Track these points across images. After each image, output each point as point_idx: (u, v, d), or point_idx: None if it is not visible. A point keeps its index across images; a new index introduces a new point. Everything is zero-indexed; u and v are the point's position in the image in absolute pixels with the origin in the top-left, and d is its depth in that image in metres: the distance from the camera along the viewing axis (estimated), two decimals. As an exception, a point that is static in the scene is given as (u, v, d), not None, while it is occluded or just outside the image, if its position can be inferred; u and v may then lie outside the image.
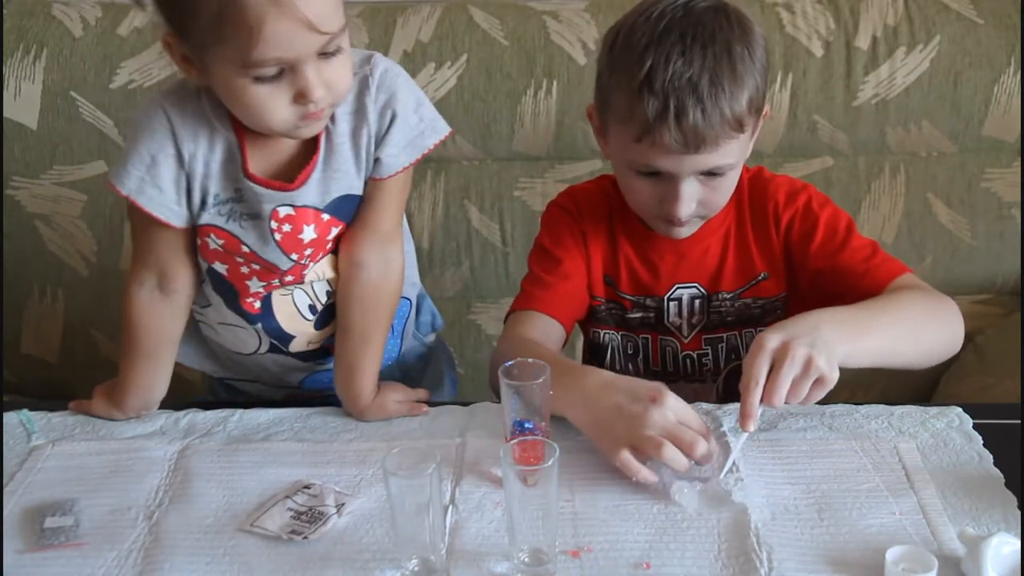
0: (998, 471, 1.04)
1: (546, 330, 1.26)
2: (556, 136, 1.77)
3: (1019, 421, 1.12)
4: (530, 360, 1.05)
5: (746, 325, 1.31)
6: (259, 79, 1.02)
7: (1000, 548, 0.88)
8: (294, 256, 1.17)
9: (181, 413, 1.22)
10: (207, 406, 1.24)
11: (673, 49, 1.09)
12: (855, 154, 1.80)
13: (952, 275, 1.77)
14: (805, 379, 1.00)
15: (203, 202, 1.14)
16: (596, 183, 1.34)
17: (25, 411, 1.23)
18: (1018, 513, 0.98)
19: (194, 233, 1.17)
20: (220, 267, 1.19)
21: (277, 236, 1.15)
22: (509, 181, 1.81)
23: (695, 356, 1.33)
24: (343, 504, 1.03)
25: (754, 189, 1.27)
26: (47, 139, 1.79)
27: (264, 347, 1.26)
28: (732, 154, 1.14)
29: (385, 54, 1.71)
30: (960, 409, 1.15)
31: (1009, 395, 1.48)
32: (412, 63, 1.73)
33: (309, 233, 1.16)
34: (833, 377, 1.01)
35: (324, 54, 1.03)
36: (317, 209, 1.15)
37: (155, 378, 1.22)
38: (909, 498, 1.01)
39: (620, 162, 1.20)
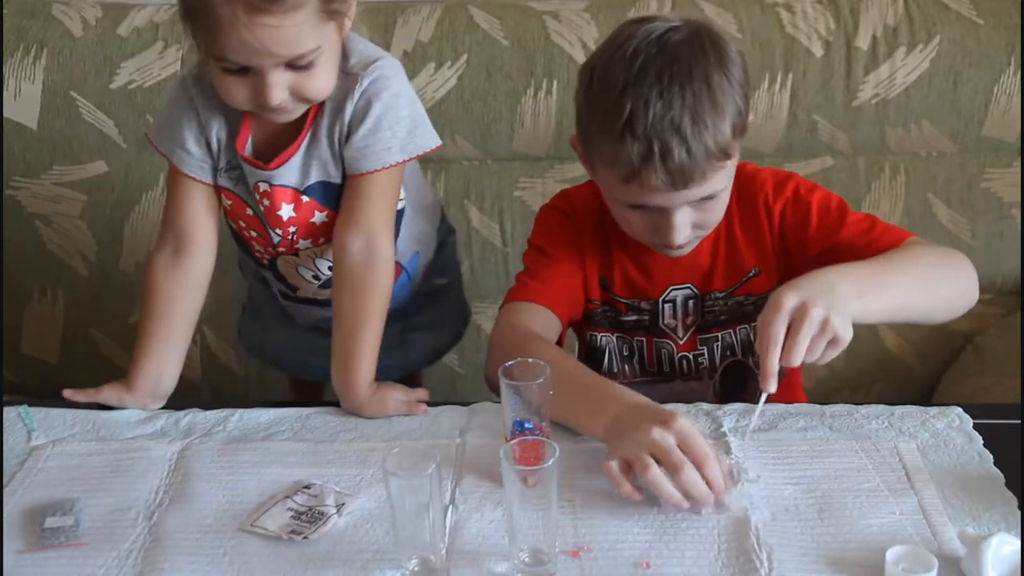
0: (998, 471, 1.04)
1: (544, 322, 1.25)
2: (556, 136, 1.77)
3: (1019, 421, 1.12)
4: (530, 360, 1.05)
5: (739, 323, 1.31)
6: (225, 69, 1.10)
7: (1000, 548, 0.88)
8: (278, 231, 1.26)
9: (181, 413, 1.22)
10: (207, 406, 1.24)
11: (651, 91, 1.08)
12: (855, 154, 1.80)
13: (952, 275, 1.77)
14: (821, 339, 1.02)
15: (218, 166, 1.24)
16: (589, 187, 1.32)
17: (24, 406, 1.23)
18: (1018, 513, 0.98)
19: (218, 193, 1.27)
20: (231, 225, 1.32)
21: (261, 208, 1.25)
22: (509, 181, 1.81)
23: (691, 357, 1.33)
24: (343, 504, 1.03)
25: (740, 184, 1.25)
26: (47, 139, 1.80)
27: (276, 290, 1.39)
28: (721, 181, 1.14)
29: (385, 54, 1.74)
30: (960, 409, 1.15)
31: (1009, 395, 1.48)
32: (412, 63, 1.73)
33: (287, 211, 1.24)
34: (847, 337, 1.03)
35: (293, 66, 1.09)
36: (296, 190, 1.23)
37: (168, 354, 1.24)
38: (909, 498, 1.01)
39: (610, 198, 1.21)
